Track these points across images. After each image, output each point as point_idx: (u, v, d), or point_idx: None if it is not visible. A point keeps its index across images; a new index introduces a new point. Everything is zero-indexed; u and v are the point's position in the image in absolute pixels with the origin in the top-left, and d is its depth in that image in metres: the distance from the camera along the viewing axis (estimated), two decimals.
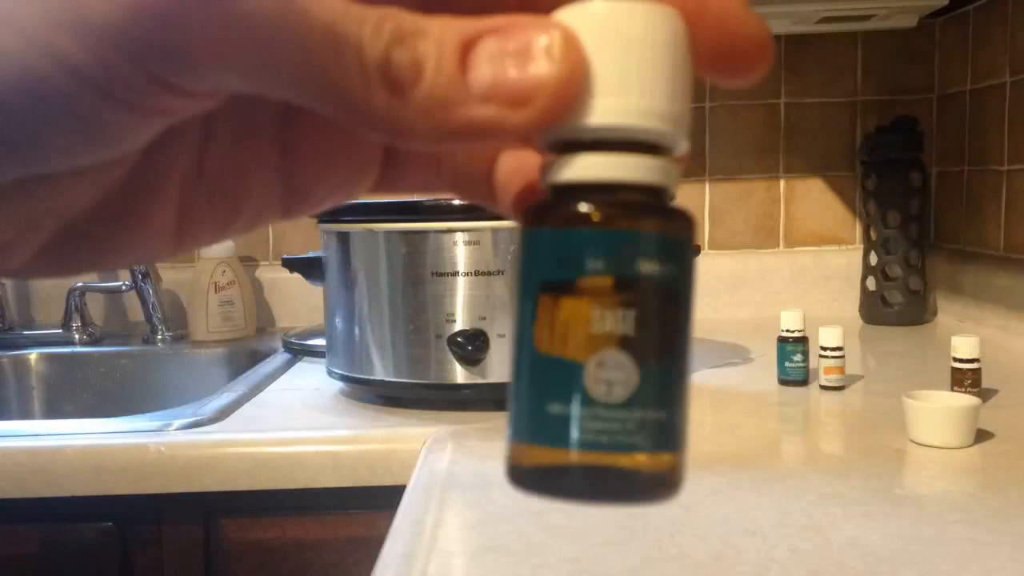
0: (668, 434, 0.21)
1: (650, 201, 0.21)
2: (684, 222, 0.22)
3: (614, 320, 0.20)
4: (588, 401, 0.20)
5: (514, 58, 0.19)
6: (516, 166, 0.24)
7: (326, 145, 0.24)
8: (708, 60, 0.21)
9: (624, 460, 0.21)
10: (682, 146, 0.21)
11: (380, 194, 0.26)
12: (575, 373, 0.20)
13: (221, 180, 0.24)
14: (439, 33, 0.19)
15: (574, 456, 0.21)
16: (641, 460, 0.21)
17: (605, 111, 0.20)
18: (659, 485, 0.21)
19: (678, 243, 0.21)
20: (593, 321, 0.20)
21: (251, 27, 0.18)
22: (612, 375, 0.20)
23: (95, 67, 0.18)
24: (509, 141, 0.21)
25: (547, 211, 0.21)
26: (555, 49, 0.19)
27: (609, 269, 0.21)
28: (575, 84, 0.20)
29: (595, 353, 0.20)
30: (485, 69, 0.19)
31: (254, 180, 0.24)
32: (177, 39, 0.18)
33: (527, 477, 0.21)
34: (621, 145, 0.21)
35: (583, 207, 0.21)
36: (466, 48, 0.19)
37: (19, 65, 0.18)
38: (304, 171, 0.25)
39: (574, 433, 0.20)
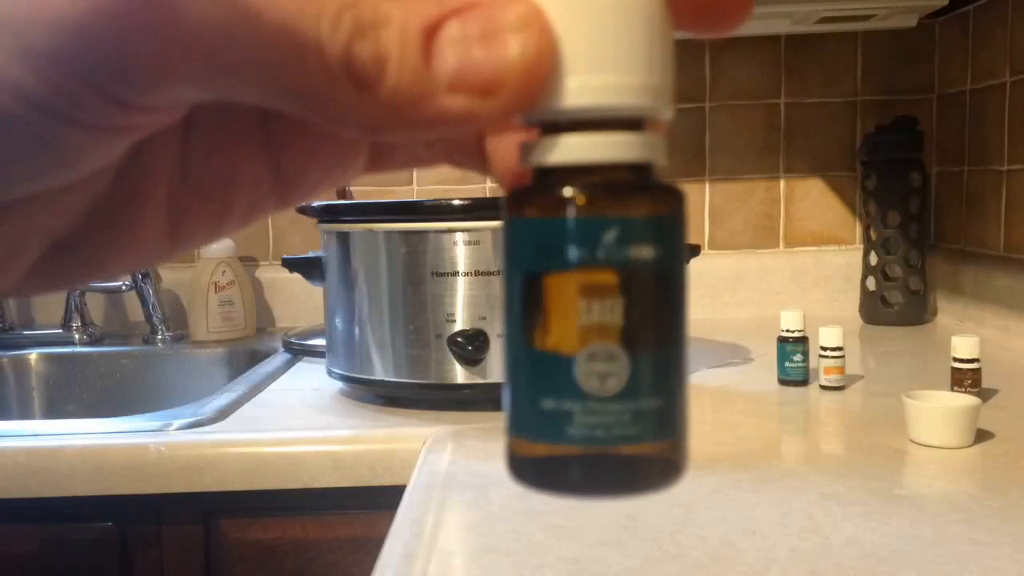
0: (666, 422, 0.20)
1: (634, 180, 0.20)
2: (669, 198, 0.20)
3: (602, 310, 0.19)
4: (582, 395, 0.20)
5: (479, 42, 0.18)
6: (505, 134, 0.24)
7: (309, 132, 0.24)
8: (687, 13, 0.20)
9: (623, 452, 0.20)
10: (665, 114, 0.20)
11: (376, 172, 0.26)
12: (566, 367, 0.20)
13: (208, 179, 0.23)
14: (401, 19, 0.18)
15: (572, 451, 0.20)
16: (640, 450, 0.20)
17: (578, 92, 0.19)
18: (660, 473, 0.21)
19: (665, 222, 0.20)
20: (581, 313, 0.20)
21: (201, 38, 0.17)
22: (605, 367, 0.20)
23: (49, 94, 0.17)
24: (487, 126, 0.20)
25: (527, 197, 0.21)
26: (520, 29, 0.18)
27: (593, 258, 0.19)
28: (543, 67, 0.19)
29: (586, 346, 0.20)
30: (450, 57, 0.18)
31: (242, 175, 0.24)
32: (126, 59, 0.17)
33: (527, 472, 0.21)
34: (600, 124, 0.20)
35: (562, 193, 0.20)
36: (429, 34, 0.18)
37: None
38: (291, 160, 0.24)
39: (570, 429, 0.20)
